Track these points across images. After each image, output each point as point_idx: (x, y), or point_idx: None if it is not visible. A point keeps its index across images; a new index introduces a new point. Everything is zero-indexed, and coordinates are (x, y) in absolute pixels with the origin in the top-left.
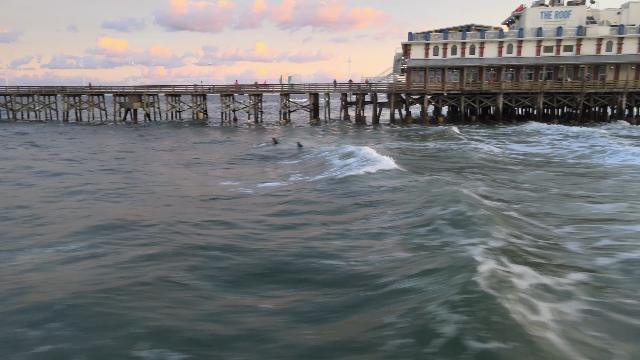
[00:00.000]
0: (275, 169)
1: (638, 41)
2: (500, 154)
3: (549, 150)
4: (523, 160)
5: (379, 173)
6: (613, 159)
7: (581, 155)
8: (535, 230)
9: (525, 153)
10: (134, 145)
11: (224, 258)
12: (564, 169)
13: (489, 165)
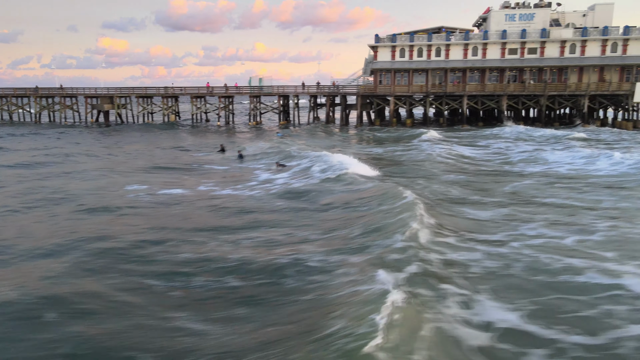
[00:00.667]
0: (192, 178)
1: (601, 44)
2: (428, 158)
3: (485, 154)
4: (449, 164)
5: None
6: (537, 167)
7: (509, 161)
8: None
9: (461, 155)
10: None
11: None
12: (481, 174)
13: (413, 167)
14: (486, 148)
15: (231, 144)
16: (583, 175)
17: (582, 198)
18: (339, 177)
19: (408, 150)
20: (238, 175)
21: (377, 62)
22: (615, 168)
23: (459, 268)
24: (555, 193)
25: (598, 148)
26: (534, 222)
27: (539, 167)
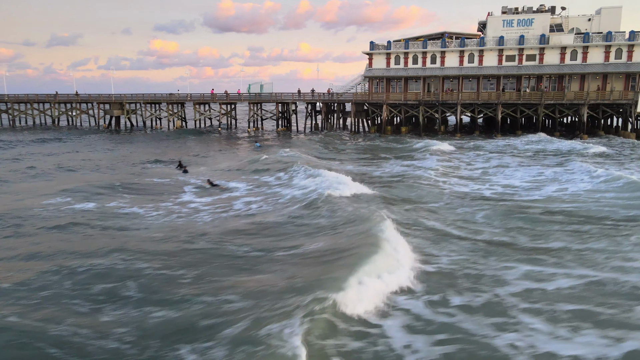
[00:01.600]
0: (112, 195)
1: (604, 50)
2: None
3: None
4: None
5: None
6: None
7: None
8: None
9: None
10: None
11: None
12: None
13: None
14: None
15: (215, 153)
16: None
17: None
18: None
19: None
20: (160, 193)
21: (372, 70)
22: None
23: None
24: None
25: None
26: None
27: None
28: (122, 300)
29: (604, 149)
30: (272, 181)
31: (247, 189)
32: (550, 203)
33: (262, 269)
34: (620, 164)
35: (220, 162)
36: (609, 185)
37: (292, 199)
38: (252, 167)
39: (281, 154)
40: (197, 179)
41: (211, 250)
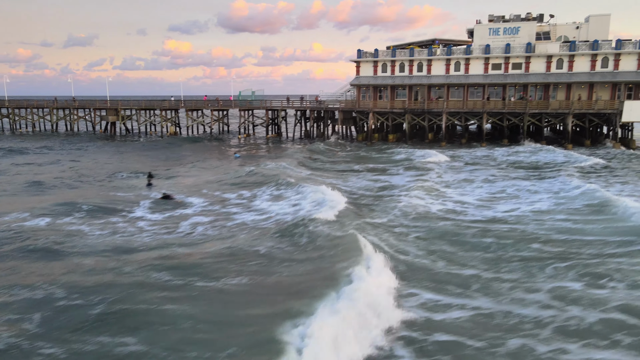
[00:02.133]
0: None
1: (590, 59)
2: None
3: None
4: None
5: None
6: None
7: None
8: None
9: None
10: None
11: None
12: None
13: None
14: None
15: (197, 162)
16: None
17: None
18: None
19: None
20: (115, 209)
21: (360, 77)
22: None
23: None
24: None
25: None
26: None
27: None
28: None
29: (587, 163)
30: (232, 199)
31: (202, 206)
32: (491, 224)
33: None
34: (605, 179)
35: (197, 174)
36: (565, 206)
37: (240, 225)
38: (219, 180)
39: (252, 169)
40: (159, 191)
41: (128, 287)
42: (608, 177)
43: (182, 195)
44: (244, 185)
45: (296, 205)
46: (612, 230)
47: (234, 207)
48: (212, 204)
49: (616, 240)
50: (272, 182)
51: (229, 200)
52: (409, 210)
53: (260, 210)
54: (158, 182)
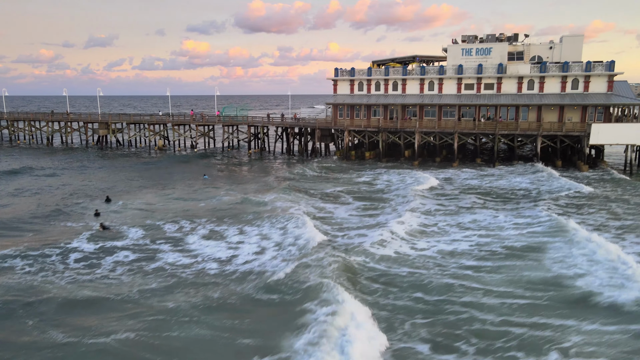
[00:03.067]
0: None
1: (561, 80)
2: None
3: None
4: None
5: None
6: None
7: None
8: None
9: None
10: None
11: None
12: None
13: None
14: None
15: (167, 182)
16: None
17: None
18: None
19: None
20: (56, 240)
21: (337, 96)
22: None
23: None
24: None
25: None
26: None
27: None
28: None
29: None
30: (169, 232)
31: (135, 240)
32: (392, 265)
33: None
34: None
35: (158, 199)
36: (486, 248)
37: (157, 271)
38: (170, 207)
39: (214, 196)
40: (98, 222)
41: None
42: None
43: (125, 226)
44: (189, 215)
45: (233, 249)
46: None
47: (165, 243)
48: (145, 237)
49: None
50: (218, 216)
51: (165, 233)
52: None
53: (189, 252)
54: (114, 207)
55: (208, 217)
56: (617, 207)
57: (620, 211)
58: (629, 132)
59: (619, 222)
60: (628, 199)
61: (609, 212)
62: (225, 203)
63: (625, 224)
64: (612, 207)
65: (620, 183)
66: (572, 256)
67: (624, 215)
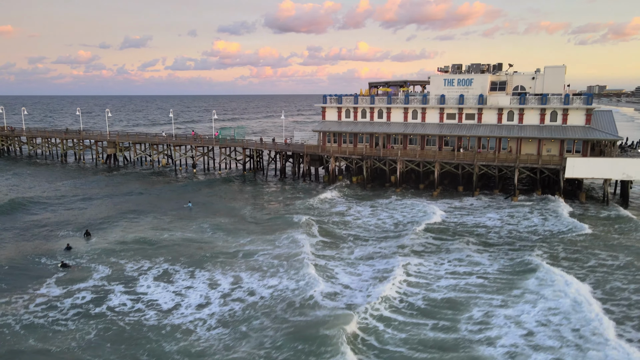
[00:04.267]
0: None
1: (540, 112)
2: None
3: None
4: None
5: None
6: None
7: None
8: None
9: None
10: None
11: None
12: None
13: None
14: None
15: (152, 208)
16: None
17: None
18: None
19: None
20: (32, 281)
21: (325, 122)
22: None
23: None
24: None
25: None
26: None
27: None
28: None
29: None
30: (128, 270)
31: (97, 279)
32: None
33: None
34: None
35: (140, 229)
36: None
37: (98, 318)
38: (141, 242)
39: (186, 230)
40: (68, 257)
41: None
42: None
43: (93, 263)
44: (150, 255)
45: (180, 296)
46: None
47: (120, 284)
48: (104, 278)
49: None
50: (175, 256)
51: (124, 272)
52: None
53: (137, 296)
54: (91, 241)
55: (166, 257)
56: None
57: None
58: (603, 167)
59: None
60: (575, 241)
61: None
62: (189, 240)
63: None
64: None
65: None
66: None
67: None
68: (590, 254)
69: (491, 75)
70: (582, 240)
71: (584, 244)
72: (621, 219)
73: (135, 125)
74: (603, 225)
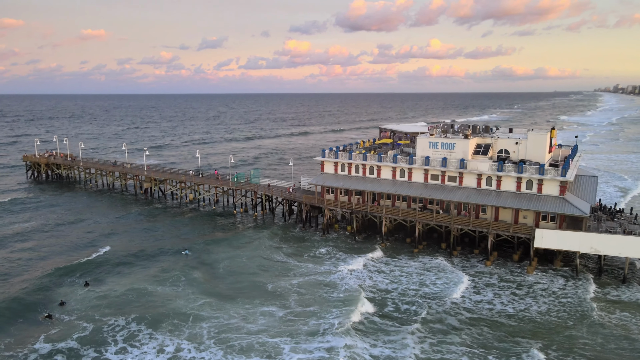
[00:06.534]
0: None
1: (516, 180)
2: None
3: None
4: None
5: None
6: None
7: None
8: None
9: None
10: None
11: None
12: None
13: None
14: None
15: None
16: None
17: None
18: None
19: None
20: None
21: (323, 174)
22: None
23: None
24: None
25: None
26: None
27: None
28: None
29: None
30: (105, 331)
31: (76, 342)
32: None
33: None
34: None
35: (128, 283)
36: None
37: None
38: (128, 298)
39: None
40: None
41: None
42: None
43: (80, 320)
44: (127, 310)
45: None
46: None
47: (90, 348)
48: (84, 340)
49: None
50: (148, 323)
51: (103, 335)
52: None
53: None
54: (82, 292)
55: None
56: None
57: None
58: (572, 240)
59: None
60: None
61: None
62: (163, 297)
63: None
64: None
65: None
66: None
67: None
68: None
69: (478, 138)
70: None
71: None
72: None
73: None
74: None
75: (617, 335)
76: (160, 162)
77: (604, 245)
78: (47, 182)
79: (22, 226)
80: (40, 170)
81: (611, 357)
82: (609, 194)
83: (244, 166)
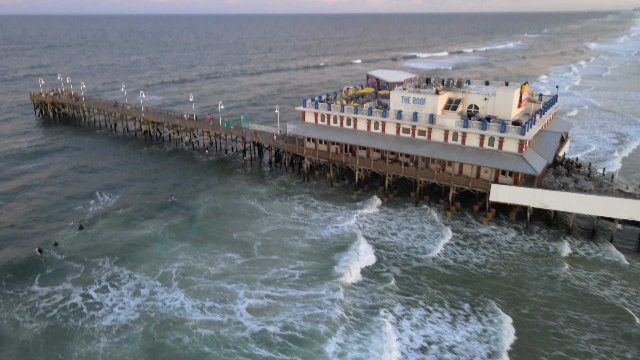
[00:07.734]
0: None
1: (479, 137)
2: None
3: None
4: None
5: None
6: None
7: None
8: None
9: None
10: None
11: None
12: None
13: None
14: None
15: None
16: None
17: None
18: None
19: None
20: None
21: (303, 124)
22: None
23: None
24: None
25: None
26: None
27: None
28: None
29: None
30: (99, 271)
31: (68, 277)
32: None
33: None
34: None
35: (118, 224)
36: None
37: (59, 312)
38: (119, 238)
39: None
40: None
41: None
42: None
43: (71, 261)
44: (112, 252)
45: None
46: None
47: (84, 287)
48: (74, 281)
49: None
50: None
51: (88, 275)
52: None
53: (97, 301)
54: (79, 232)
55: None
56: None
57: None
58: (524, 195)
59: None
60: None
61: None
62: (149, 239)
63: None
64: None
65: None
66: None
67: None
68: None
69: (450, 92)
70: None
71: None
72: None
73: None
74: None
75: (542, 284)
76: (165, 102)
77: (551, 201)
78: (55, 121)
79: (28, 168)
80: (47, 108)
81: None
82: (602, 141)
83: (242, 108)
